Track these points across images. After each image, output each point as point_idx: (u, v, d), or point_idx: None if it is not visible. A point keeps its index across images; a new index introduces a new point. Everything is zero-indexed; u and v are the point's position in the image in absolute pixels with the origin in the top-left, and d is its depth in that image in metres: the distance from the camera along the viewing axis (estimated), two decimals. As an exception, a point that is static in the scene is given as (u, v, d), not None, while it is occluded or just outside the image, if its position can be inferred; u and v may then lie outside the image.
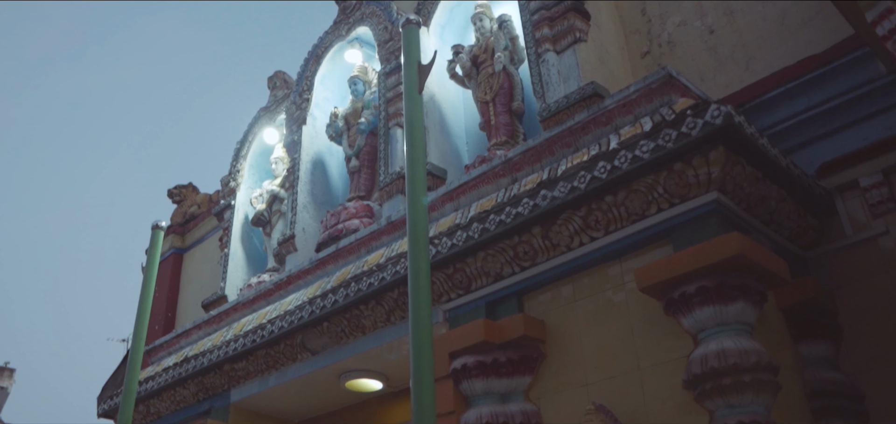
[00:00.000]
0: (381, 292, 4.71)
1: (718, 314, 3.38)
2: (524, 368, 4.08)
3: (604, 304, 3.93)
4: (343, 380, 5.30)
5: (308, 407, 5.92)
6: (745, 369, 3.23)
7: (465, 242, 4.25)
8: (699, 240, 3.49)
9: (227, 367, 5.79)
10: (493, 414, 3.99)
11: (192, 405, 6.24)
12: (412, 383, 2.43)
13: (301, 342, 5.26)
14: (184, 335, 6.87)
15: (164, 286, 8.66)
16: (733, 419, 3.21)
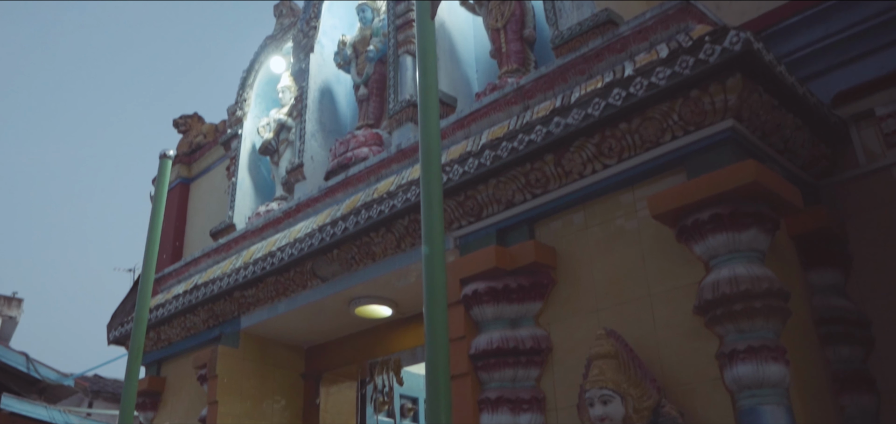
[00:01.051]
0: (392, 219, 4.72)
1: (731, 242, 3.39)
2: (535, 294, 4.11)
3: (615, 231, 3.94)
4: (352, 306, 5.34)
5: (317, 333, 5.99)
6: (757, 295, 3.25)
7: (477, 169, 4.25)
8: (713, 168, 3.48)
9: (236, 294, 5.84)
10: (503, 339, 4.03)
11: (203, 331, 6.31)
12: (425, 308, 2.45)
13: (311, 270, 5.29)
14: (193, 264, 6.91)
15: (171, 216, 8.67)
16: (743, 344, 3.24)
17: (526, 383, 4.04)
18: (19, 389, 12.17)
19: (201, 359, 5.90)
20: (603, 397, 3.44)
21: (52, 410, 11.83)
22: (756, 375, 3.19)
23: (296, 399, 6.10)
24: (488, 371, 4.07)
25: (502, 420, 3.95)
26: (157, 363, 6.93)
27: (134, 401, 4.23)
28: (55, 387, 12.57)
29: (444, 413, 2.35)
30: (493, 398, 4.00)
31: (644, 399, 3.44)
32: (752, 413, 3.19)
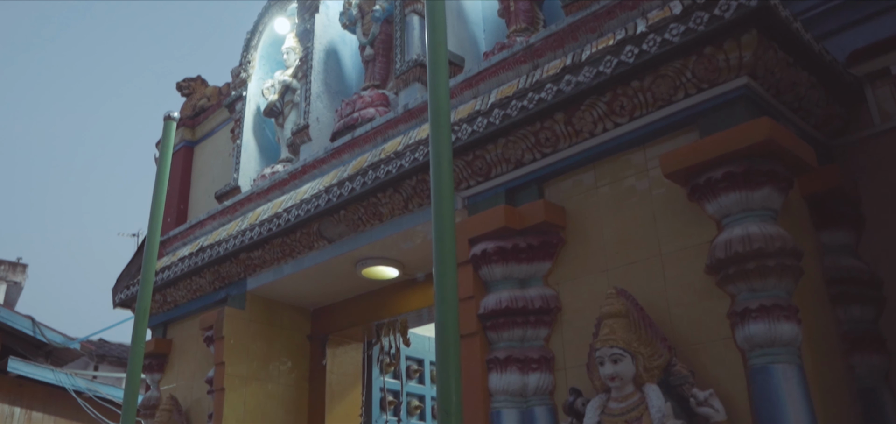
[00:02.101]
0: (399, 179, 4.69)
1: (744, 200, 3.36)
2: (544, 254, 4.08)
3: (626, 191, 3.91)
4: (359, 268, 5.33)
5: (323, 295, 5.98)
6: (770, 253, 3.23)
7: (486, 128, 4.20)
8: (726, 126, 3.44)
9: (242, 256, 5.83)
10: (512, 299, 4.01)
11: (209, 293, 6.30)
12: (434, 268, 2.42)
13: (317, 231, 5.27)
14: (198, 226, 6.89)
15: (175, 179, 8.64)
16: (755, 303, 3.22)
17: (535, 342, 4.03)
18: (26, 352, 12.22)
19: (208, 321, 5.90)
20: (613, 355, 3.42)
21: (59, 373, 11.88)
22: (768, 334, 3.18)
23: (302, 361, 6.10)
24: (497, 330, 4.05)
25: (511, 380, 3.94)
26: (163, 325, 6.94)
27: (141, 363, 4.23)
28: (61, 351, 12.62)
29: (454, 373, 2.34)
30: (501, 357, 3.99)
31: (654, 358, 3.43)
32: (763, 371, 3.17)
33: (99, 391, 11.80)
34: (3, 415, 11.91)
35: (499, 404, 3.96)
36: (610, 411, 3.47)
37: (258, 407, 5.71)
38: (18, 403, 12.03)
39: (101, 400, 11.70)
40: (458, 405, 2.36)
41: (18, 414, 12.06)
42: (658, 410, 3.25)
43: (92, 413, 11.63)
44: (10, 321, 12.04)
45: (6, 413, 11.94)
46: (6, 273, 27.88)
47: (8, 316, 12.18)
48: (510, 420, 3.93)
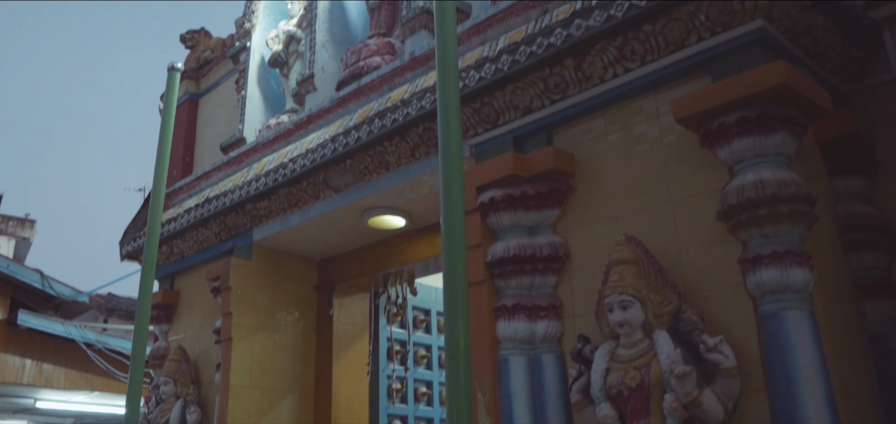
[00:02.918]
0: (406, 127, 4.63)
1: (757, 145, 3.30)
2: (552, 201, 4.04)
3: (636, 137, 3.85)
4: (366, 217, 5.29)
5: (330, 245, 5.96)
6: (783, 199, 3.18)
7: (494, 74, 4.14)
8: (739, 71, 3.36)
9: (248, 206, 5.80)
10: (520, 247, 3.98)
11: (215, 244, 6.29)
12: (442, 216, 2.38)
13: (323, 180, 5.23)
14: (204, 178, 6.86)
15: (180, 132, 8.58)
16: (767, 249, 3.18)
17: (543, 290, 4.00)
18: (35, 306, 12.28)
19: (214, 272, 5.89)
20: (622, 302, 3.40)
21: (68, 325, 11.95)
22: (780, 280, 3.14)
23: (309, 311, 6.10)
24: (505, 278, 4.03)
25: (519, 328, 3.93)
26: (170, 276, 6.94)
27: (148, 314, 4.22)
28: (70, 304, 12.68)
29: (462, 321, 2.33)
30: (509, 305, 3.96)
31: (664, 305, 3.40)
32: (774, 318, 3.14)
33: (108, 343, 11.88)
34: (15, 367, 12.01)
35: (506, 351, 3.95)
36: (618, 357, 3.45)
37: (266, 357, 5.72)
38: (29, 355, 12.12)
39: (111, 352, 11.78)
40: (466, 352, 2.35)
41: (29, 366, 12.16)
42: (667, 356, 3.23)
43: (102, 364, 11.72)
44: (18, 274, 12.08)
45: (17, 366, 12.04)
46: (14, 229, 28.00)
47: (17, 270, 12.22)
48: (518, 368, 3.92)
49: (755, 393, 3.20)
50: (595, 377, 3.47)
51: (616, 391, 3.37)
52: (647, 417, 3.29)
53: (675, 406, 3.16)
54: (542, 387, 3.87)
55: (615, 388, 3.38)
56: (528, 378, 3.92)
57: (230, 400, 5.46)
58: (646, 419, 3.29)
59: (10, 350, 11.94)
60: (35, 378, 12.19)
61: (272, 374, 5.74)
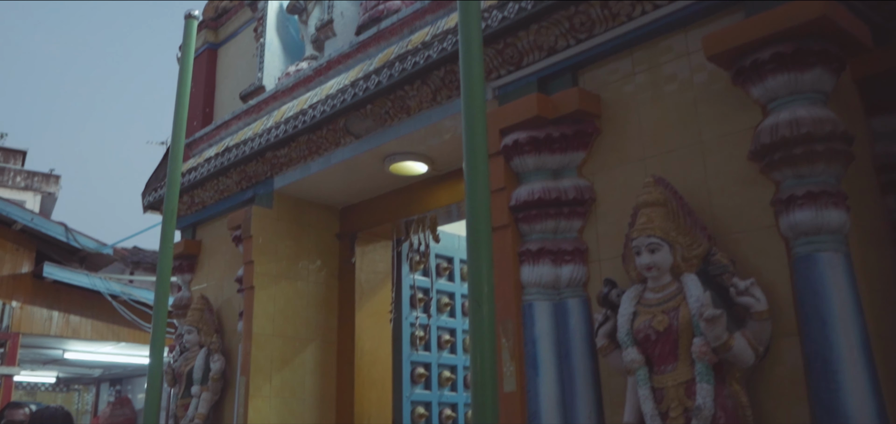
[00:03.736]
0: (427, 70, 4.53)
1: (792, 82, 3.18)
2: (578, 143, 3.94)
3: (665, 77, 3.73)
4: (387, 164, 5.22)
5: (351, 192, 5.90)
6: (819, 138, 3.06)
7: (518, 14, 4.02)
8: (775, 4, 3.22)
9: (268, 154, 5.75)
10: (544, 190, 3.90)
11: (236, 193, 6.25)
12: (465, 159, 2.30)
13: (344, 126, 5.15)
14: (223, 127, 6.81)
15: (199, 83, 8.53)
16: (802, 189, 3.08)
17: (568, 234, 3.92)
18: (60, 259, 12.41)
19: (236, 220, 5.86)
20: (650, 245, 3.32)
21: (94, 277, 12.07)
22: (814, 221, 3.04)
23: (331, 259, 6.07)
24: (529, 222, 3.95)
25: (543, 272, 3.86)
26: (192, 226, 6.93)
27: (170, 263, 4.20)
28: (95, 256, 12.80)
29: (485, 265, 2.27)
30: (534, 249, 3.89)
31: (693, 248, 3.32)
32: (808, 260, 3.05)
33: (133, 294, 11.99)
34: (42, 319, 12.19)
35: (531, 296, 3.89)
36: (646, 301, 3.38)
37: (288, 305, 5.71)
38: (56, 307, 12.29)
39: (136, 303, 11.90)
40: (490, 296, 2.30)
41: (57, 318, 12.34)
42: (696, 299, 3.15)
43: (127, 315, 11.85)
44: (43, 227, 12.20)
45: (45, 317, 12.21)
46: (40, 185, 28.29)
47: (41, 223, 12.34)
48: (543, 313, 3.86)
49: (787, 337, 3.12)
50: (621, 321, 3.40)
51: (643, 335, 3.31)
52: (674, 361, 3.23)
53: (704, 350, 3.09)
54: (568, 332, 3.81)
55: (642, 332, 3.31)
56: (553, 323, 3.86)
57: (253, 348, 5.46)
58: (673, 363, 3.23)
59: (38, 302, 12.11)
60: (62, 329, 12.37)
61: (295, 322, 5.73)
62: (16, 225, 11.86)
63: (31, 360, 16.23)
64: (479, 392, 2.22)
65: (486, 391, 2.25)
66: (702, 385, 3.09)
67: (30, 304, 12.04)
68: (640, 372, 3.31)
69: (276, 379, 5.53)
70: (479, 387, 2.25)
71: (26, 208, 13.79)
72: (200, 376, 5.91)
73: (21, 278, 12.03)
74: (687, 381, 3.17)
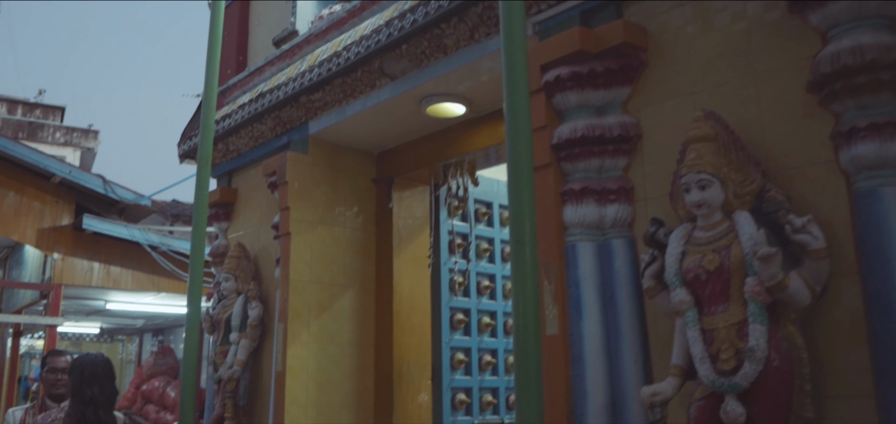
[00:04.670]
0: (465, 7, 4.39)
1: (856, 8, 2.99)
2: (623, 78, 3.78)
3: (716, 7, 3.55)
4: (424, 106, 5.10)
5: (388, 136, 5.80)
6: (884, 65, 2.88)
7: (559, -57, 3.84)
8: (839, -76, 3.02)
9: (303, 99, 5.66)
10: (588, 127, 3.75)
11: (271, 139, 6.19)
12: (505, 97, 2.17)
13: (379, 68, 5.03)
14: (257, 73, 6.74)
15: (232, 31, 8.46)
16: (865, 121, 2.91)
17: (613, 173, 3.79)
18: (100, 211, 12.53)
19: (271, 167, 5.80)
20: (700, 181, 3.17)
21: (132, 228, 12.17)
22: (878, 154, 2.87)
23: (368, 205, 5.99)
24: (572, 161, 3.82)
25: (587, 212, 3.73)
26: (227, 174, 6.90)
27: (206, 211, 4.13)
28: (134, 208, 12.89)
29: (527, 205, 2.16)
30: (577, 189, 3.76)
31: (746, 184, 3.16)
32: (870, 195, 2.89)
33: (172, 244, 12.08)
34: (83, 270, 12.36)
35: (574, 237, 3.77)
36: (695, 240, 3.24)
37: (325, 251, 5.66)
38: (97, 258, 12.44)
39: (175, 254, 11.99)
40: (532, 235, 2.19)
41: (97, 269, 12.50)
42: (749, 237, 3.01)
43: (166, 265, 11.96)
44: (81, 180, 12.31)
45: (86, 268, 12.37)
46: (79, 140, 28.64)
47: (79, 176, 12.45)
48: (586, 254, 3.74)
49: (846, 276, 2.97)
50: (670, 261, 3.27)
51: (692, 275, 3.18)
52: (725, 302, 3.10)
53: (757, 290, 2.96)
54: (612, 273, 3.70)
55: (692, 272, 3.18)
56: (596, 264, 3.74)
57: (290, 295, 5.43)
58: (724, 304, 3.10)
59: (79, 254, 12.26)
60: (103, 280, 12.53)
61: (332, 268, 5.68)
62: (54, 178, 11.98)
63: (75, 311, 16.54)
64: (521, 335, 2.13)
65: (529, 334, 2.16)
66: (755, 326, 2.96)
67: (71, 256, 12.20)
68: (688, 313, 3.18)
69: (315, 325, 5.50)
70: (521, 330, 2.16)
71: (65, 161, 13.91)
72: (238, 323, 5.91)
73: (61, 230, 12.18)
74: (739, 322, 3.04)
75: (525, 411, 2.06)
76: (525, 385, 2.10)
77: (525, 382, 2.11)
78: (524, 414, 2.04)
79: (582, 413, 3.63)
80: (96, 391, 4.17)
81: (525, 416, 2.04)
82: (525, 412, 2.05)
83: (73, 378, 4.22)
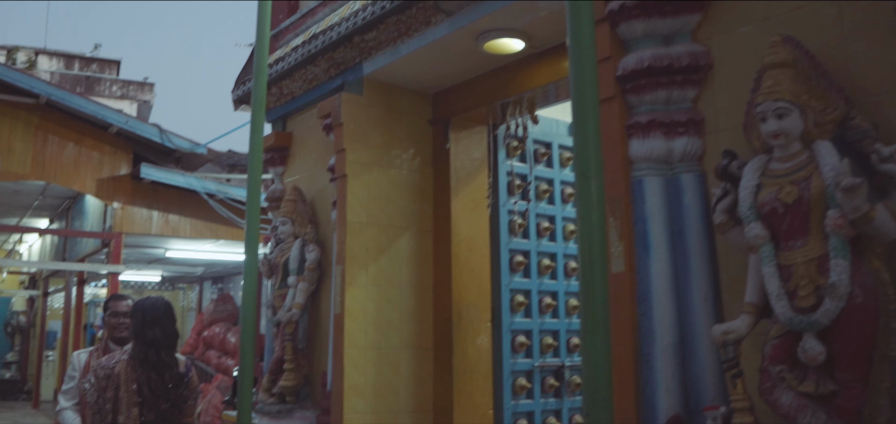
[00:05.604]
0: (524, -65, 4.22)
1: (951, -85, 2.76)
2: (691, 5, 3.60)
3: (794, -78, 3.33)
4: (481, 42, 4.96)
5: (444, 75, 5.67)
6: (983, -23, 2.66)
7: None
8: None
9: (356, 39, 5.56)
10: (655, 57, 3.59)
11: (325, 82, 6.12)
12: (569, 27, 2.04)
13: (434, 4, 4.90)
14: (309, 15, 6.65)
15: (284, -26, 8.40)
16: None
17: (681, 105, 3.62)
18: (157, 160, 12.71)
19: (326, 109, 5.74)
20: (778, 110, 2.99)
21: (189, 176, 12.33)
22: (973, 75, 2.67)
23: (424, 146, 5.90)
24: (638, 93, 3.66)
25: (654, 146, 3.59)
26: (282, 118, 6.88)
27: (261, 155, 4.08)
28: (189, 156, 13.06)
29: (593, 137, 2.05)
30: (643, 122, 3.62)
31: (828, 112, 2.98)
32: (964, 120, 2.69)
33: (229, 192, 12.22)
34: (143, 219, 12.60)
35: (641, 172, 3.64)
36: (772, 172, 3.07)
37: (381, 193, 5.60)
38: (155, 207, 12.67)
39: (232, 201, 12.13)
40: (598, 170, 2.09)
41: (156, 218, 12.73)
42: (831, 168, 2.84)
43: (224, 213, 12.10)
44: (138, 129, 12.50)
45: (145, 216, 12.61)
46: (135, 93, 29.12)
47: (136, 125, 12.64)
48: (654, 189, 3.60)
49: (937, 207, 2.79)
50: (744, 194, 3.11)
51: (769, 208, 3.02)
52: (804, 236, 2.94)
53: (840, 223, 2.80)
54: (681, 209, 3.56)
55: (768, 205, 3.02)
56: (664, 199, 3.61)
57: (348, 237, 5.40)
58: (803, 238, 2.94)
59: (138, 203, 12.50)
60: (162, 228, 12.77)
61: (389, 211, 5.63)
62: (112, 128, 12.18)
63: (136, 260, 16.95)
64: (587, 272, 2.04)
65: (595, 270, 2.07)
66: (837, 261, 2.80)
67: (130, 204, 12.44)
68: (764, 249, 3.04)
69: (373, 268, 5.47)
70: (587, 267, 2.07)
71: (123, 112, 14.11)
72: (296, 266, 5.92)
73: (120, 179, 12.41)
74: (819, 257, 2.88)
75: (591, 349, 1.99)
76: (591, 323, 2.03)
77: (591, 320, 2.03)
78: (591, 353, 1.98)
79: (649, 353, 3.53)
80: (158, 332, 4.21)
81: (591, 355, 1.98)
82: (591, 350, 1.99)
83: (135, 321, 4.26)
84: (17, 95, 11.58)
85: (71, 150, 12.17)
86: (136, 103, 28.07)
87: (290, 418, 5.77)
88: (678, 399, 3.46)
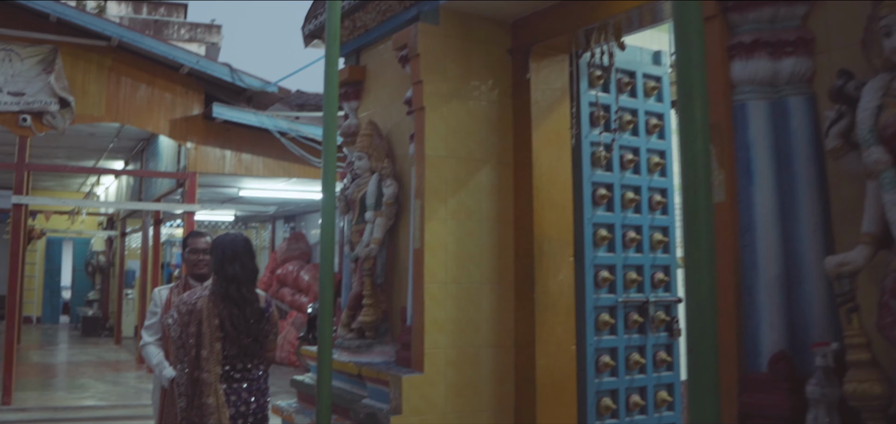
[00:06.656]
0: None
1: None
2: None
3: None
4: (565, -36, 4.74)
5: (523, 2, 5.43)
6: None
7: None
8: None
9: (432, -34, 5.38)
10: (762, -28, 3.34)
11: (399, 13, 5.97)
12: None
13: (516, -74, 4.69)
14: (382, -55, 6.47)
15: None
16: None
17: (789, 23, 3.38)
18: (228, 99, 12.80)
19: (401, 40, 5.60)
20: (905, 21, 2.75)
21: (261, 115, 12.39)
22: None
23: (503, 77, 5.72)
24: (741, 11, 3.43)
25: (759, 67, 3.38)
26: (355, 52, 6.77)
27: (336, 89, 4.01)
28: (260, 96, 13.10)
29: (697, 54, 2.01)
30: (747, 42, 3.40)
31: (961, 23, 2.72)
32: None
33: (301, 130, 12.24)
34: (216, 158, 12.74)
35: (744, 95, 3.43)
36: (895, 91, 2.84)
37: (460, 126, 5.47)
38: (228, 146, 12.79)
39: (304, 139, 12.15)
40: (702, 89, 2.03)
41: (229, 157, 12.85)
42: (965, 85, 2.60)
43: (296, 151, 12.15)
44: (209, 69, 12.57)
45: (218, 156, 12.75)
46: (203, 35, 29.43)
47: (206, 65, 12.72)
48: (758, 113, 3.40)
49: None
50: (863, 115, 2.89)
51: (892, 131, 2.80)
52: (931, 161, 2.72)
53: (974, 145, 2.57)
54: (789, 134, 3.35)
55: (891, 128, 2.80)
56: (770, 124, 3.40)
57: (426, 171, 5.30)
58: (930, 163, 2.72)
59: (210, 142, 12.64)
60: (235, 167, 12.90)
61: (468, 143, 5.50)
62: (183, 69, 12.27)
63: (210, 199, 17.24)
64: (690, 198, 1.97)
65: (699, 197, 1.98)
66: (969, 186, 2.58)
67: (203, 144, 12.58)
68: (885, 175, 2.82)
69: (452, 202, 5.37)
70: (690, 193, 1.99)
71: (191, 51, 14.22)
72: (373, 201, 5.86)
73: (192, 119, 12.54)
74: (948, 182, 2.67)
75: (695, 280, 1.92)
76: (695, 253, 1.95)
77: (695, 250, 1.95)
78: (694, 284, 1.92)
79: (751, 286, 3.37)
80: (238, 268, 4.22)
81: (695, 285, 1.91)
82: (695, 281, 1.92)
83: (215, 257, 4.28)
84: (89, 38, 11.74)
85: (143, 91, 12.33)
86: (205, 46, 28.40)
87: (370, 352, 5.78)
88: (783, 335, 3.29)
